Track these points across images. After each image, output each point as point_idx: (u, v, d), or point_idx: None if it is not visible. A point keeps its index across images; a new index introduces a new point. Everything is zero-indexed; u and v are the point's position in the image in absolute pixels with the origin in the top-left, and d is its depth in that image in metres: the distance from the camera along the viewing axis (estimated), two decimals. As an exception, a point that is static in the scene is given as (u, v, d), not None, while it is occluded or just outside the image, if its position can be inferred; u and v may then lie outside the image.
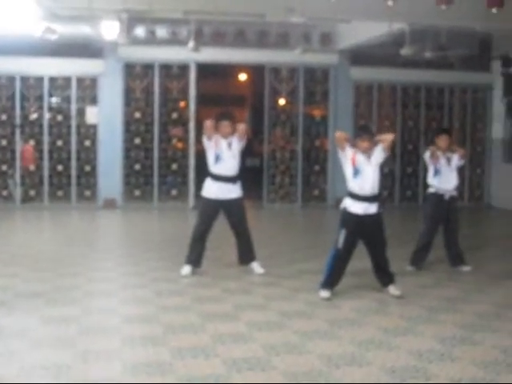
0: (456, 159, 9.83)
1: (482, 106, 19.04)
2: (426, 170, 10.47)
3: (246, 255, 9.49)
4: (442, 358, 5.90)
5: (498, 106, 18.61)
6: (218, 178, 9.15)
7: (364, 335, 6.59)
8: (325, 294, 8.01)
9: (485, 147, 18.96)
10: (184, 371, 5.51)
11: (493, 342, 6.41)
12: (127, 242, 12.92)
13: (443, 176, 9.73)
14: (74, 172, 17.17)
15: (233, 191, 9.21)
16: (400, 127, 18.51)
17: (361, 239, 8.14)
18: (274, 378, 5.40)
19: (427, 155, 9.84)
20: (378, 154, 7.97)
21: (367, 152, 7.98)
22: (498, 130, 18.63)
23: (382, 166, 8.28)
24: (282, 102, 18.12)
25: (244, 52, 17.09)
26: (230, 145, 9.15)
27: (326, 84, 18.03)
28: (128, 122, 17.26)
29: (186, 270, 9.24)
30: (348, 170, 8.03)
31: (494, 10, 9.54)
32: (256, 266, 9.42)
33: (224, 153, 9.11)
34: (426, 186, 10.23)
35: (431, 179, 9.85)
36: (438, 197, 9.80)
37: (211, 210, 9.24)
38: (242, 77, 25.39)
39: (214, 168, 9.18)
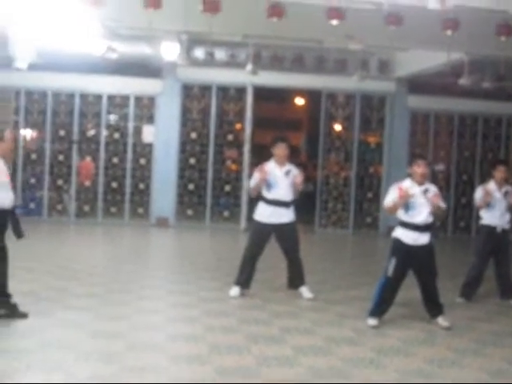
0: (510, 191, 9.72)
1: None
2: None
3: (296, 279, 9.47)
4: (488, 392, 5.85)
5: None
6: (271, 202, 9.17)
7: (410, 365, 6.54)
8: (373, 321, 7.97)
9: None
10: (227, 392, 5.54)
11: (540, 379, 6.33)
12: (178, 260, 13.02)
13: (497, 210, 9.63)
14: (128, 189, 17.37)
15: (286, 215, 9.21)
16: (456, 157, 18.37)
17: (411, 269, 8.09)
18: (317, 404, 5.40)
19: (478, 195, 9.72)
20: (431, 195, 7.92)
21: (422, 182, 7.95)
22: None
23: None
24: (337, 127, 18.14)
25: (301, 77, 17.19)
26: (287, 173, 9.15)
27: (382, 111, 18.01)
28: (184, 142, 17.45)
29: (235, 291, 9.27)
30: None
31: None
32: (305, 291, 9.41)
33: (279, 180, 9.13)
34: (478, 217, 10.11)
35: (484, 212, 9.75)
36: (491, 229, 9.69)
37: (263, 233, 9.26)
38: (299, 101, 25.49)
39: (268, 194, 9.21)
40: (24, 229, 7.60)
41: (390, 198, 8.00)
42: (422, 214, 7.92)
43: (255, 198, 9.64)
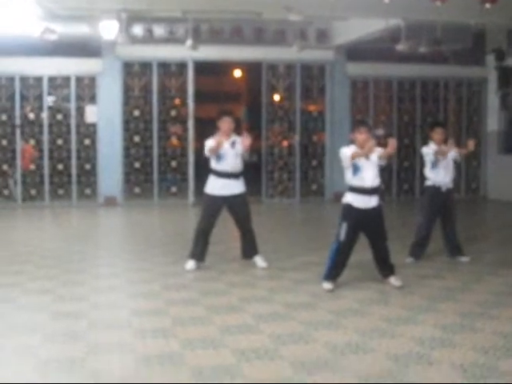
0: (453, 153, 9.99)
1: (476, 99, 19.27)
2: (422, 163, 10.62)
3: (250, 249, 9.67)
4: (443, 345, 6.09)
5: (492, 99, 18.81)
6: (221, 174, 9.31)
7: (367, 324, 6.77)
8: (328, 285, 8.19)
9: (480, 140, 19.14)
10: (195, 362, 5.68)
11: (493, 329, 6.60)
12: (129, 238, 13.08)
13: (440, 169, 9.91)
14: (74, 170, 17.33)
15: (236, 187, 9.37)
16: (396, 121, 18.70)
17: (362, 232, 8.32)
18: (282, 367, 5.58)
19: (428, 151, 9.97)
20: (375, 157, 8.14)
21: (364, 147, 8.15)
22: (492, 123, 18.84)
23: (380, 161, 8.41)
24: (279, 98, 18.30)
25: (241, 49, 17.29)
26: (233, 144, 9.29)
27: (322, 80, 18.24)
28: (127, 121, 17.46)
29: (191, 264, 9.41)
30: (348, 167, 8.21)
31: (487, 6, 9.73)
32: (259, 260, 9.60)
33: (227, 151, 9.24)
34: (422, 179, 10.39)
35: (428, 172, 10.03)
36: (436, 189, 9.97)
37: (215, 206, 9.40)
38: (239, 74, 25.54)
39: (217, 165, 9.33)
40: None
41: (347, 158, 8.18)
42: (369, 177, 8.14)
43: (203, 172, 9.72)
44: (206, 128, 9.76)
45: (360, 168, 8.10)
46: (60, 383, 5.23)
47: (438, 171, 9.90)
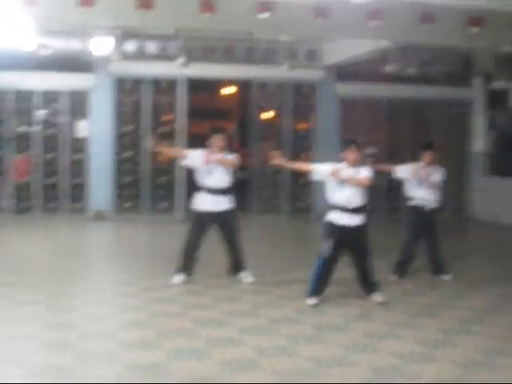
0: (437, 175, 10.20)
1: (463, 120, 19.42)
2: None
3: (237, 265, 9.81)
4: (424, 359, 6.26)
5: (478, 120, 19.01)
6: (209, 190, 9.45)
7: (350, 339, 6.93)
8: (312, 301, 8.35)
9: (466, 161, 19.32)
10: (180, 373, 5.83)
11: (472, 345, 6.77)
12: (118, 252, 13.16)
13: (425, 190, 10.12)
14: (65, 184, 17.42)
15: (224, 203, 9.52)
16: (385, 141, 18.85)
17: (345, 249, 8.48)
18: (266, 378, 5.73)
19: (404, 173, 10.21)
20: (365, 173, 8.33)
21: (355, 165, 8.34)
22: (478, 144, 19.04)
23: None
24: (268, 116, 18.46)
25: (232, 67, 17.41)
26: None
27: (312, 99, 18.39)
28: (118, 136, 17.54)
29: (178, 278, 9.55)
30: (331, 184, 8.38)
31: (474, 30, 9.94)
32: (245, 276, 9.74)
33: (216, 167, 9.40)
34: (407, 198, 10.56)
35: (412, 192, 10.22)
36: (419, 209, 10.17)
37: (203, 222, 9.54)
38: (230, 91, 25.69)
39: (205, 181, 9.47)
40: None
41: (320, 167, 8.39)
42: (350, 195, 8.32)
43: (193, 188, 9.87)
44: (196, 144, 9.91)
45: (342, 186, 8.28)
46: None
47: (422, 191, 10.10)
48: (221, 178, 9.45)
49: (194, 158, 9.52)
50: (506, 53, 13.57)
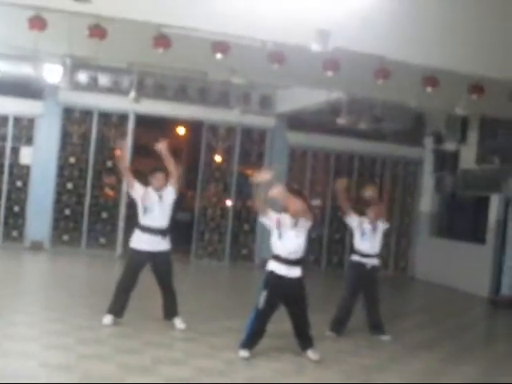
0: (381, 226, 10.12)
1: (412, 179, 19.51)
2: (352, 235, 10.66)
3: (170, 310, 9.49)
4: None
5: (427, 180, 19.08)
6: (147, 229, 9.20)
7: (279, 397, 6.67)
8: (244, 353, 8.06)
9: (412, 219, 19.36)
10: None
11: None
12: (51, 286, 12.75)
13: (367, 241, 10.00)
14: (2, 211, 16.97)
15: (161, 243, 9.25)
16: (331, 194, 18.77)
17: (282, 301, 8.24)
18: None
19: (353, 221, 10.12)
20: (303, 222, 8.16)
21: (296, 216, 8.14)
22: (426, 204, 19.07)
23: (310, 231, 8.43)
24: (217, 159, 18.30)
25: (184, 107, 17.28)
26: (161, 197, 9.23)
27: (262, 145, 18.29)
28: (62, 166, 17.20)
29: (108, 319, 9.19)
30: (274, 233, 8.20)
31: (428, 90, 9.90)
32: (178, 322, 9.43)
33: (155, 205, 9.18)
34: (352, 252, 10.42)
35: (358, 244, 10.08)
36: (361, 265, 10.02)
37: (139, 261, 9.26)
38: (180, 131, 25.53)
39: (143, 219, 9.23)
40: None
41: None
42: (291, 246, 8.11)
43: (131, 223, 9.65)
44: (141, 181, 9.69)
45: (283, 236, 8.09)
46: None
47: (365, 243, 9.98)
48: (159, 217, 9.22)
49: (138, 190, 9.31)
50: (457, 115, 13.60)
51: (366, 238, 10.04)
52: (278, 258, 8.12)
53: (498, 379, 8.56)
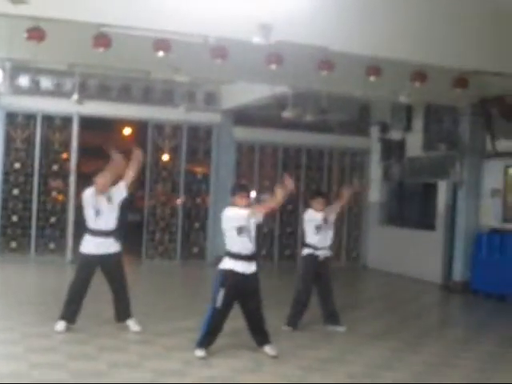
0: (331, 217, 10.13)
1: (359, 169, 19.60)
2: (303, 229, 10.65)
3: (123, 312, 9.37)
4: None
5: (375, 169, 19.18)
6: (96, 233, 9.08)
7: (238, 395, 6.62)
8: (200, 352, 7.99)
9: (362, 210, 19.46)
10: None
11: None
12: (0, 294, 12.51)
13: (319, 238, 9.98)
14: None
15: (111, 246, 9.15)
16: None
17: (238, 298, 8.18)
18: None
19: (315, 217, 10.07)
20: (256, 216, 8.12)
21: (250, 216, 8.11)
22: (374, 194, 19.17)
23: (261, 225, 8.40)
24: (164, 158, 18.17)
25: (128, 107, 17.14)
26: (109, 199, 9.12)
27: (208, 142, 18.22)
28: (7, 173, 16.90)
29: (61, 325, 9.03)
30: (230, 231, 8.12)
31: (371, 79, 9.92)
32: (132, 324, 9.31)
33: (103, 207, 9.06)
34: (303, 245, 10.41)
35: (309, 238, 10.06)
36: (313, 257, 10.00)
37: (90, 265, 9.13)
38: (126, 131, 25.33)
39: (92, 223, 9.10)
40: None
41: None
42: (247, 242, 8.07)
43: (83, 229, 9.50)
44: (88, 183, 9.56)
45: (244, 230, 8.04)
46: None
47: (317, 236, 9.97)
48: (107, 219, 9.10)
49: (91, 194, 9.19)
50: (402, 103, 13.68)
51: (319, 232, 10.02)
52: (234, 255, 8.05)
53: (453, 362, 8.61)
